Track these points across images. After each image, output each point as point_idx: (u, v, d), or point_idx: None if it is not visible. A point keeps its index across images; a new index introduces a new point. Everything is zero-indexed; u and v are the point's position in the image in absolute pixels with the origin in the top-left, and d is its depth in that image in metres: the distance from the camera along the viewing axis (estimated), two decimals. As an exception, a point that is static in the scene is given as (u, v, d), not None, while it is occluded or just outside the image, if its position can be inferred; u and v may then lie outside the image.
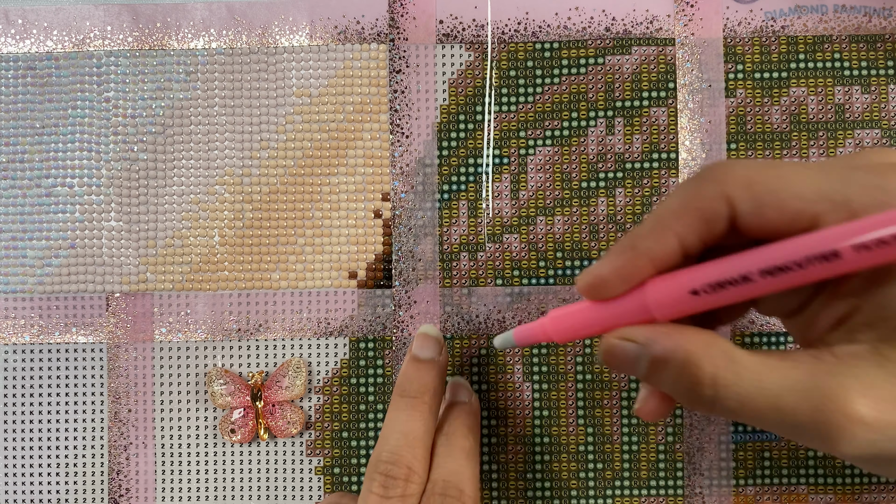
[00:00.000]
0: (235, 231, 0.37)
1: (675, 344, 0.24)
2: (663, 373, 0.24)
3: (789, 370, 0.22)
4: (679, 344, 0.24)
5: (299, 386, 0.36)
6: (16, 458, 0.37)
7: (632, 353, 0.25)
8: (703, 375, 0.23)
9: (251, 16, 0.37)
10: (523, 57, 0.37)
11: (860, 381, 0.22)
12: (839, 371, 0.22)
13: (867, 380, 0.22)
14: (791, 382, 0.22)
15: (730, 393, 0.23)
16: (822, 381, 0.22)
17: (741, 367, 0.23)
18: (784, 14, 0.37)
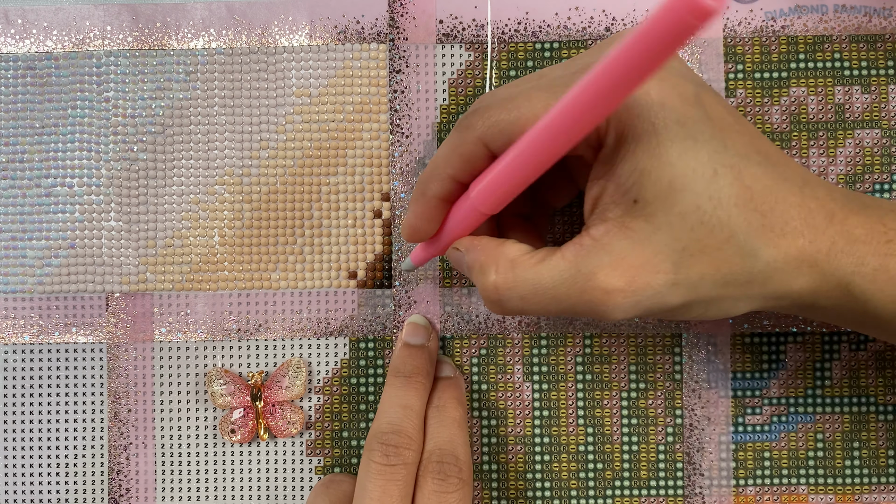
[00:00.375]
0: (235, 231, 0.37)
1: (473, 256, 0.29)
2: (471, 276, 0.30)
3: (557, 264, 0.27)
4: (475, 256, 0.29)
5: (299, 386, 0.36)
6: (16, 458, 0.37)
7: (457, 258, 0.30)
8: (488, 283, 0.28)
9: (251, 16, 0.37)
10: (523, 57, 0.37)
11: (611, 256, 0.26)
12: (594, 252, 0.26)
13: (617, 253, 0.26)
14: (559, 275, 0.27)
15: (512, 294, 0.28)
16: (582, 266, 0.26)
17: (520, 271, 0.27)
18: (784, 14, 0.37)
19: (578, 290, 0.26)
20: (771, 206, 0.27)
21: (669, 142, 0.26)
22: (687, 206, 0.26)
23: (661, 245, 0.26)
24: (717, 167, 0.26)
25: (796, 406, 0.36)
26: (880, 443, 0.36)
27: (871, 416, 0.36)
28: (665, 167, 0.26)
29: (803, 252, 0.27)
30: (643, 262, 0.26)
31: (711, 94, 0.28)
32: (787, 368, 0.36)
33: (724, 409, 0.36)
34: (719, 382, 0.36)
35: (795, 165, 0.28)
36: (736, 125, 0.27)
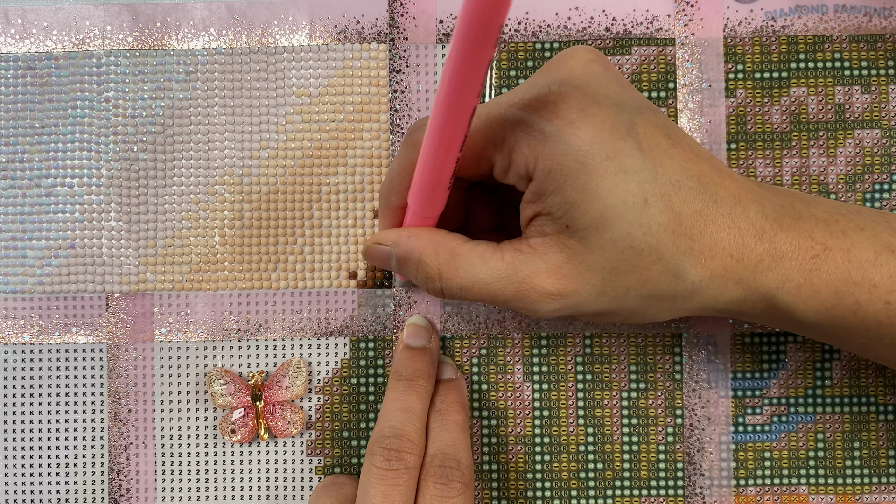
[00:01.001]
0: (235, 231, 0.37)
1: (410, 245, 0.31)
2: (406, 268, 0.31)
3: (497, 262, 0.29)
4: (414, 245, 0.31)
5: (299, 386, 0.36)
6: (16, 458, 0.37)
7: (383, 253, 0.32)
8: (431, 271, 0.30)
9: (251, 15, 0.37)
10: (523, 57, 0.37)
11: (547, 265, 0.28)
12: (531, 259, 0.29)
13: (552, 262, 0.28)
14: (498, 272, 0.29)
15: (452, 284, 0.30)
16: (520, 269, 0.29)
17: (462, 262, 0.30)
18: (784, 14, 0.37)
19: (514, 289, 0.29)
20: (700, 230, 0.28)
21: (599, 177, 0.27)
22: (617, 233, 0.27)
23: (591, 263, 0.28)
24: (647, 196, 0.27)
25: (796, 406, 0.36)
26: (881, 443, 0.36)
27: (872, 416, 0.36)
28: (594, 200, 0.27)
29: (730, 271, 0.28)
30: (574, 273, 0.28)
31: (647, 119, 0.28)
32: (788, 368, 0.36)
33: (725, 409, 0.36)
34: (719, 382, 0.36)
35: (731, 183, 0.29)
36: (670, 149, 0.28)
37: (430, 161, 0.28)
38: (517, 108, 0.28)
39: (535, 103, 0.28)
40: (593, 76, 0.29)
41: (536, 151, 0.28)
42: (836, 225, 0.29)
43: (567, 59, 0.29)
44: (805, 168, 0.36)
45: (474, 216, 0.34)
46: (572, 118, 0.27)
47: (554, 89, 0.28)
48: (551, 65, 0.30)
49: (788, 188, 0.31)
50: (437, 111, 0.26)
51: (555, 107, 0.27)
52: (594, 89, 0.28)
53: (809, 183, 0.36)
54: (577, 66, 0.29)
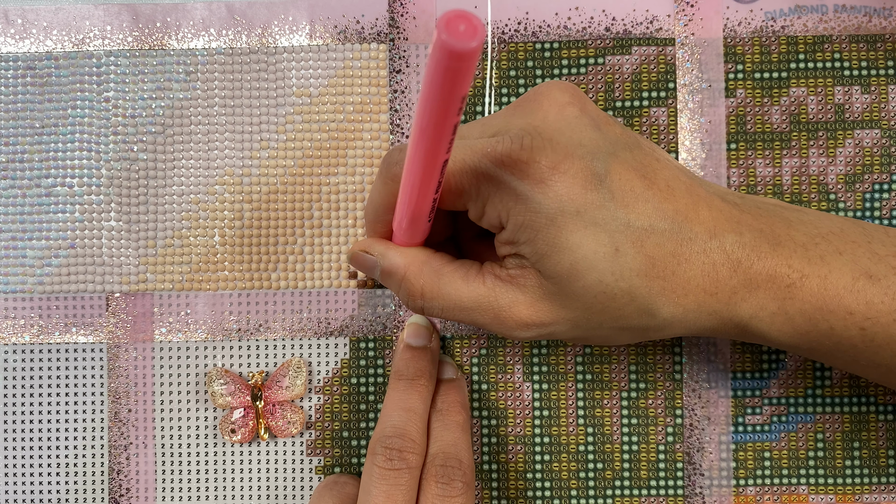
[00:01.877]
0: (235, 231, 0.37)
1: (396, 261, 0.31)
2: (389, 280, 0.32)
3: (478, 288, 0.30)
4: (399, 262, 0.31)
5: (299, 386, 0.36)
6: (16, 458, 0.37)
7: (369, 262, 0.32)
8: (414, 288, 0.31)
9: (251, 16, 0.37)
10: (523, 57, 0.37)
11: (525, 297, 0.29)
12: (511, 288, 0.29)
13: (530, 295, 0.29)
14: (478, 298, 0.30)
15: (434, 304, 0.30)
16: (501, 297, 0.29)
17: (444, 283, 0.30)
18: (784, 14, 0.37)
19: (493, 315, 0.30)
20: (673, 270, 0.28)
21: (569, 231, 0.27)
22: (589, 281, 0.28)
23: (566, 303, 0.29)
24: (618, 245, 0.28)
25: (796, 406, 0.36)
26: (880, 443, 0.36)
27: (872, 416, 0.36)
28: (564, 253, 0.28)
29: (703, 305, 0.29)
30: (550, 309, 0.29)
31: (622, 162, 0.28)
32: (787, 368, 0.36)
33: (725, 409, 0.36)
34: (719, 382, 0.36)
35: (707, 214, 0.29)
36: (645, 192, 0.28)
37: (408, 202, 0.28)
38: (489, 161, 0.28)
39: (506, 160, 0.28)
40: (568, 123, 0.29)
41: (508, 207, 0.28)
42: (814, 249, 0.29)
43: (542, 101, 0.29)
44: (805, 168, 0.36)
45: (462, 223, 0.33)
46: (543, 177, 0.27)
47: (526, 143, 0.28)
48: (526, 104, 0.30)
49: (772, 201, 0.31)
50: (410, 165, 0.26)
51: (526, 165, 0.27)
52: (567, 139, 0.28)
53: (809, 183, 0.36)
54: (552, 112, 0.29)
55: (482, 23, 0.21)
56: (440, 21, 0.21)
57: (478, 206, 0.29)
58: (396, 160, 0.30)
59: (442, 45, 0.21)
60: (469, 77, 0.22)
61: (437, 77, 0.22)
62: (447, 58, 0.21)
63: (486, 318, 0.30)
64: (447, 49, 0.21)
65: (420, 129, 0.25)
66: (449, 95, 0.23)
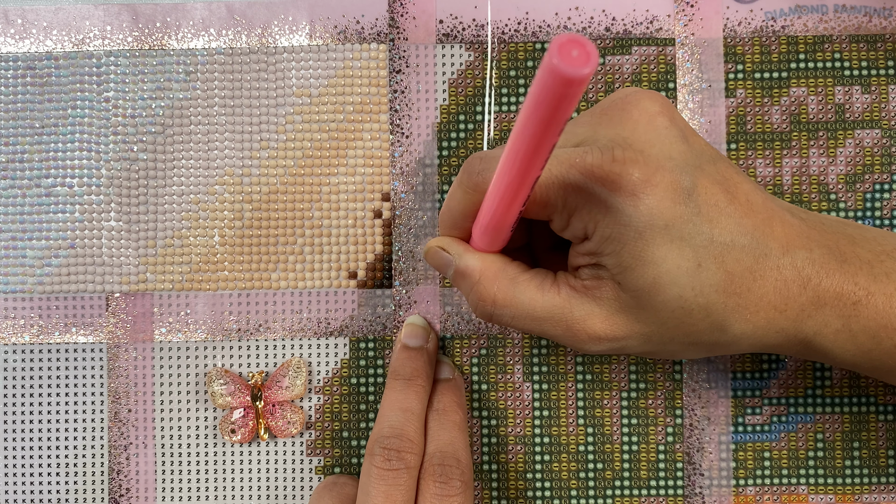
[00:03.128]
0: (235, 231, 0.37)
1: (473, 264, 0.31)
2: (462, 282, 0.31)
3: (553, 299, 0.29)
4: (476, 265, 0.31)
5: (299, 386, 0.36)
6: (16, 458, 0.37)
7: (445, 259, 0.32)
8: (487, 294, 0.30)
9: (251, 16, 0.37)
10: (523, 57, 0.37)
11: (601, 310, 0.29)
12: (586, 300, 0.29)
13: (606, 309, 0.29)
14: (552, 308, 0.29)
15: (504, 311, 0.30)
16: (576, 309, 0.29)
17: (519, 291, 0.30)
18: (784, 14, 0.37)
19: (565, 326, 0.29)
20: (748, 286, 0.28)
21: (655, 245, 0.27)
22: (669, 295, 0.28)
23: (641, 317, 0.29)
24: (701, 260, 0.28)
25: (796, 406, 0.36)
26: (880, 443, 0.36)
27: (871, 416, 0.36)
28: (649, 266, 0.27)
29: (772, 322, 0.29)
30: (625, 323, 0.29)
31: (707, 176, 0.28)
32: (787, 368, 0.36)
33: (724, 409, 0.36)
34: (719, 382, 0.36)
35: (780, 229, 0.29)
36: (728, 207, 0.28)
37: (493, 213, 0.28)
38: (578, 172, 0.27)
39: (597, 171, 0.27)
40: (658, 135, 0.28)
41: (596, 219, 0.28)
42: (880, 266, 0.29)
43: (631, 110, 0.29)
44: (805, 168, 0.36)
45: (538, 233, 0.33)
46: (635, 190, 0.27)
47: (618, 155, 0.27)
48: (613, 112, 0.29)
49: (833, 217, 0.31)
50: (501, 179, 0.26)
51: (618, 177, 0.27)
52: (658, 151, 0.28)
53: (809, 183, 0.36)
54: (642, 122, 0.28)
55: (595, 49, 0.20)
56: (553, 45, 0.20)
57: (563, 217, 0.29)
58: (478, 170, 0.29)
59: (553, 69, 0.21)
60: (576, 101, 0.22)
61: (543, 100, 0.22)
62: (558, 83, 0.21)
63: (558, 329, 0.30)
64: (558, 74, 0.21)
65: (517, 147, 0.24)
66: (553, 118, 0.22)
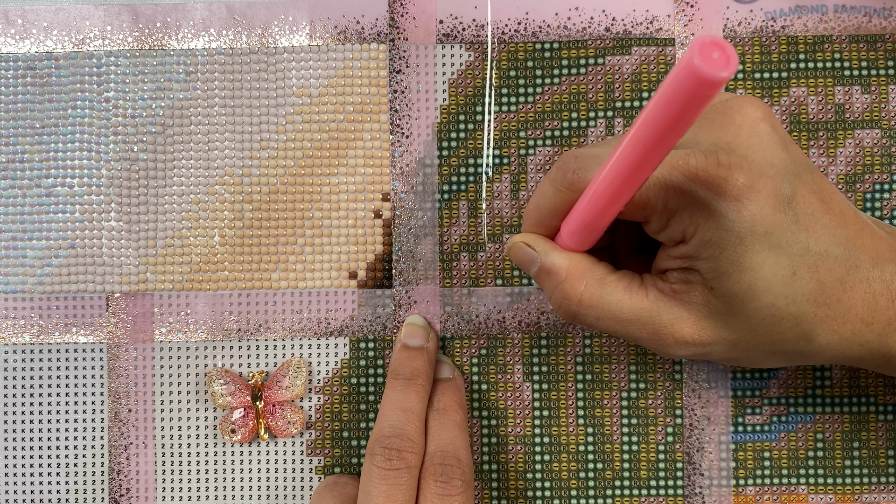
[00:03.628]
0: (235, 231, 0.37)
1: (559, 262, 0.30)
2: (546, 279, 0.31)
3: (641, 301, 0.29)
4: (562, 263, 0.30)
5: (299, 386, 0.36)
6: (16, 458, 0.37)
7: (529, 256, 0.31)
8: (573, 293, 0.30)
9: (251, 16, 0.37)
10: (523, 57, 0.37)
11: (689, 314, 0.29)
12: (675, 304, 0.29)
13: (694, 314, 0.29)
14: (639, 311, 0.29)
15: (589, 312, 0.30)
16: (664, 313, 0.29)
17: (607, 292, 0.30)
18: (784, 14, 0.37)
19: (651, 329, 0.29)
20: (838, 297, 0.28)
21: (753, 252, 0.27)
22: (762, 303, 0.28)
23: (731, 323, 0.29)
24: (796, 269, 0.28)
25: (796, 406, 0.36)
26: (880, 443, 0.36)
27: (871, 416, 0.36)
28: (745, 273, 0.27)
29: (857, 334, 0.29)
30: (713, 328, 0.29)
31: (805, 185, 0.28)
32: (787, 368, 0.36)
33: (724, 409, 0.36)
34: (719, 382, 0.36)
35: (870, 242, 0.29)
36: (823, 217, 0.28)
37: (590, 213, 0.28)
38: (680, 175, 0.27)
39: (702, 175, 0.27)
40: (760, 141, 0.28)
41: (697, 223, 0.28)
42: None
43: (734, 115, 0.29)
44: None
45: (621, 234, 0.33)
46: (739, 195, 0.27)
47: (723, 160, 0.27)
48: (714, 116, 0.29)
49: None
50: (609, 180, 0.26)
51: (724, 182, 0.27)
52: (761, 158, 0.28)
53: (809, 183, 0.36)
54: (745, 128, 0.28)
55: (736, 54, 0.20)
56: (694, 45, 0.20)
57: (662, 220, 0.28)
58: (574, 168, 0.29)
59: (692, 70, 0.20)
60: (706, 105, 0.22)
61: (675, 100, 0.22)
62: (695, 84, 0.21)
63: (644, 332, 0.29)
64: (697, 75, 0.20)
65: (634, 146, 0.24)
66: (681, 119, 0.22)
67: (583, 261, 0.30)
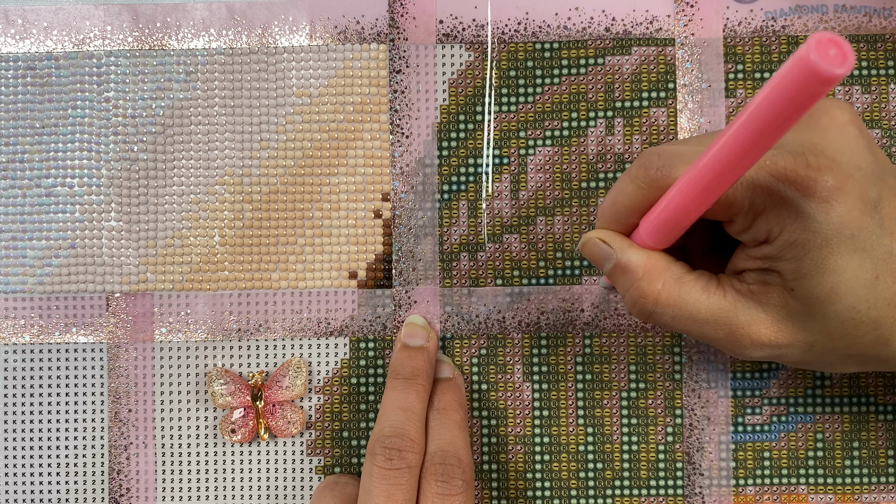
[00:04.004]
0: (235, 231, 0.37)
1: (636, 260, 0.30)
2: (621, 277, 0.30)
3: (719, 301, 0.29)
4: (640, 261, 0.30)
5: (299, 386, 0.36)
6: (16, 458, 0.37)
7: (605, 252, 0.31)
8: (650, 291, 0.30)
9: (251, 16, 0.37)
10: (523, 57, 0.37)
11: (766, 316, 0.29)
12: (752, 305, 0.29)
13: (772, 315, 0.29)
14: (717, 311, 0.29)
15: (665, 311, 0.30)
16: (741, 314, 0.29)
17: (684, 292, 0.29)
18: (784, 14, 0.37)
19: (728, 330, 0.29)
20: None
21: (838, 254, 0.27)
22: (843, 306, 0.28)
23: (809, 326, 0.29)
24: (879, 273, 0.28)
25: (796, 406, 0.36)
26: (880, 443, 0.36)
27: (871, 416, 0.36)
28: (828, 275, 0.27)
29: None
30: (790, 330, 0.29)
31: (890, 189, 0.28)
32: (787, 368, 0.36)
33: (724, 409, 0.36)
34: (719, 382, 0.36)
35: None
36: None
37: (675, 211, 0.28)
38: (768, 175, 0.27)
39: (791, 175, 0.27)
40: (847, 143, 0.28)
41: (783, 224, 0.27)
42: None
43: (820, 117, 0.28)
44: None
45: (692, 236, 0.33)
46: (828, 196, 0.27)
47: (812, 161, 0.27)
48: None
49: None
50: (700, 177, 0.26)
51: (814, 183, 0.27)
52: (848, 160, 0.28)
53: (809, 183, 0.36)
54: (832, 130, 0.28)
55: (853, 52, 0.20)
56: (810, 41, 0.20)
57: (747, 219, 0.28)
58: (657, 166, 0.29)
59: (808, 65, 0.20)
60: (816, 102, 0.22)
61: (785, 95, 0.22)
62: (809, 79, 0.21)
63: (720, 333, 0.29)
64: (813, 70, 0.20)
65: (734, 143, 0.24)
66: (788, 116, 0.22)
67: (661, 259, 0.30)
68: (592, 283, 0.36)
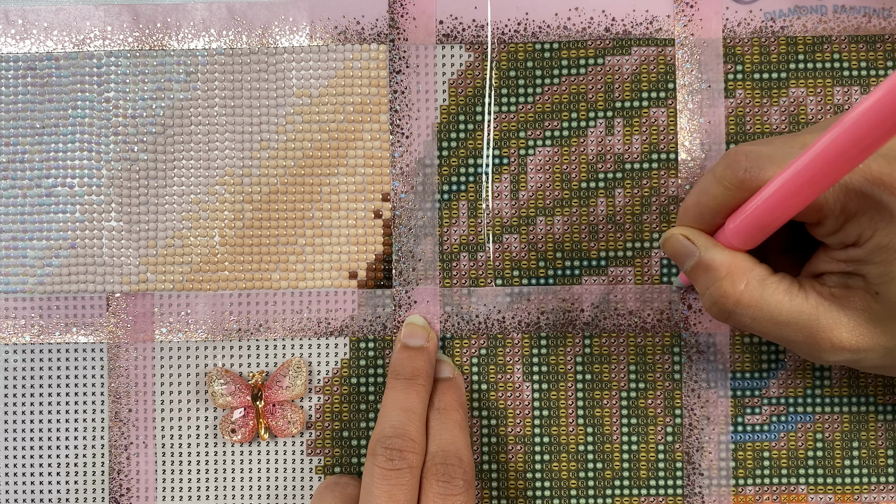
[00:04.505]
0: (235, 231, 0.37)
1: (720, 259, 0.30)
2: (703, 275, 0.30)
3: (801, 305, 0.29)
4: (724, 261, 0.30)
5: (300, 386, 0.36)
6: (16, 458, 0.37)
7: (687, 249, 0.31)
8: (732, 292, 0.29)
9: (251, 16, 0.37)
10: (523, 57, 0.37)
11: (849, 320, 0.29)
12: (835, 309, 0.29)
13: (854, 319, 0.29)
14: (798, 314, 0.29)
15: (746, 312, 0.30)
16: (823, 317, 0.29)
17: (767, 294, 0.29)
18: (784, 14, 0.37)
19: (808, 333, 0.29)
20: None
21: None
22: None
23: (890, 329, 0.29)
24: None
25: (796, 406, 0.36)
26: (880, 443, 0.36)
27: (871, 416, 0.36)
28: None
29: None
30: (872, 334, 0.29)
31: None
32: (787, 368, 0.36)
33: (724, 409, 0.36)
34: (719, 382, 0.36)
35: None
36: None
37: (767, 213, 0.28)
38: (863, 178, 0.27)
39: (887, 179, 0.27)
40: None
41: (876, 227, 0.28)
42: None
43: None
44: None
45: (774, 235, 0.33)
46: None
47: None
48: None
49: None
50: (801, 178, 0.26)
51: None
52: None
53: (809, 183, 0.36)
54: None
55: None
56: None
57: (837, 222, 0.28)
58: (745, 167, 0.29)
59: None
60: None
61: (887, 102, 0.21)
62: None
63: (800, 335, 0.29)
64: None
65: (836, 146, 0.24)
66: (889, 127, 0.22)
67: (745, 260, 0.30)
68: (592, 283, 0.36)
